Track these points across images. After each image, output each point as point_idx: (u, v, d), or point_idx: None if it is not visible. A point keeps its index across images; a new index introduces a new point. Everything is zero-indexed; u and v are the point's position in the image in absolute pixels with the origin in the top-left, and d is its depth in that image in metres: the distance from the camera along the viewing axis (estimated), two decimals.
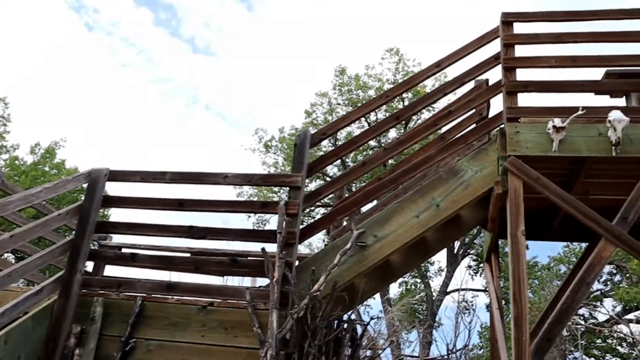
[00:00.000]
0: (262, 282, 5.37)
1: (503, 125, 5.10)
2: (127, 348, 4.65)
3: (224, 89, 36.86)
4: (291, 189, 5.03)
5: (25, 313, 4.59)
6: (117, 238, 7.01)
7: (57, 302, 4.77)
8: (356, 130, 18.93)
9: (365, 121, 19.87)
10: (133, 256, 5.24)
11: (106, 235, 6.90)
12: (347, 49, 32.93)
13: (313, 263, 4.90)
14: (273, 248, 4.82)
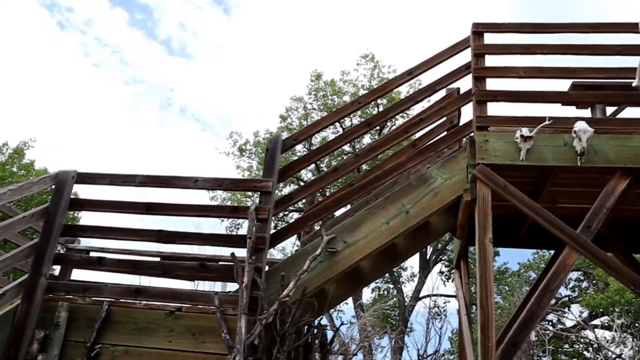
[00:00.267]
0: (233, 287, 5.34)
1: (473, 133, 5.18)
2: (92, 354, 4.56)
3: (199, 92, 36.62)
4: (262, 194, 5.02)
5: None
6: (88, 242, 6.90)
7: (20, 307, 4.66)
8: (331, 135, 19.00)
9: (340, 126, 19.94)
10: (100, 260, 5.15)
11: (74, 238, 6.78)
12: (323, 55, 33.06)
13: (283, 269, 4.90)
14: (243, 253, 4.80)
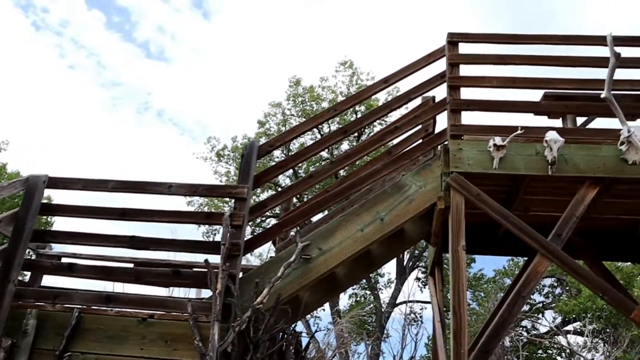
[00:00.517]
0: (208, 294, 5.31)
1: (447, 142, 5.24)
2: None
3: (177, 96, 36.37)
4: (237, 200, 5.00)
5: None
6: (62, 247, 6.77)
7: None
8: (310, 142, 19.02)
9: (318, 133, 19.98)
10: (71, 266, 5.07)
11: (45, 244, 6.65)
12: (302, 61, 33.12)
13: (257, 275, 4.88)
14: (218, 259, 4.77)
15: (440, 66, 5.65)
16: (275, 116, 21.69)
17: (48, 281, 6.29)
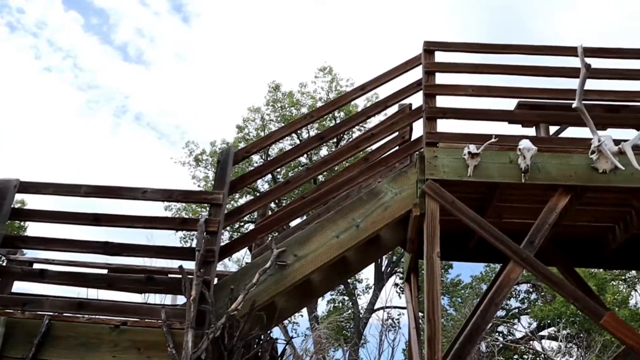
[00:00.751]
0: (183, 301, 5.26)
1: (423, 149, 5.28)
2: None
3: (156, 100, 36.07)
4: (212, 206, 4.97)
5: None
6: (36, 253, 6.65)
7: None
8: (289, 147, 19.00)
9: (297, 138, 19.98)
10: (42, 272, 4.98)
11: (16, 250, 6.53)
12: (282, 66, 33.12)
13: (232, 282, 4.86)
14: (193, 265, 4.73)
15: (417, 74, 5.70)
16: (254, 121, 21.66)
17: (20, 287, 6.17)
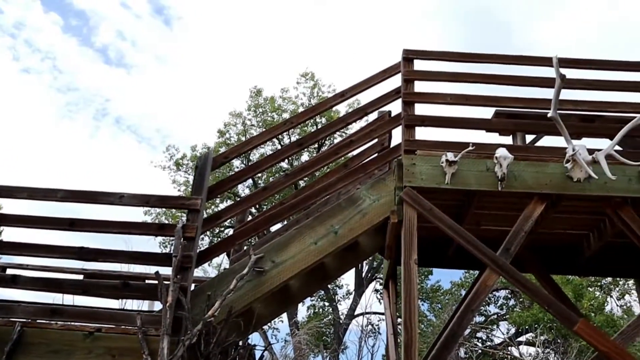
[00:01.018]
0: (161, 307, 5.20)
1: (401, 156, 5.31)
2: None
3: (137, 103, 35.74)
4: (190, 212, 4.94)
5: None
6: (8, 258, 6.52)
7: None
8: (270, 152, 18.97)
9: (279, 144, 19.96)
10: (14, 278, 4.89)
11: None
12: (264, 71, 33.08)
13: (209, 288, 4.82)
14: (170, 271, 4.69)
15: (396, 81, 5.74)
16: (235, 126, 21.57)
17: None
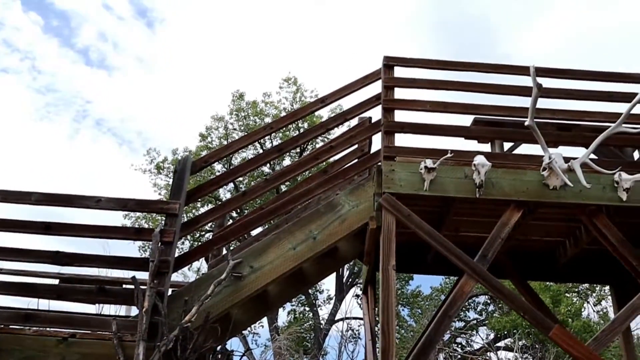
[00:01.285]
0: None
1: (380, 162, 5.33)
2: None
3: (118, 106, 35.39)
4: (168, 216, 4.90)
5: None
6: None
7: None
8: (251, 156, 18.91)
9: (261, 148, 19.92)
10: None
11: None
12: (247, 75, 33.00)
13: (186, 293, 4.79)
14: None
15: (377, 88, 5.77)
16: (217, 130, 21.48)
17: None
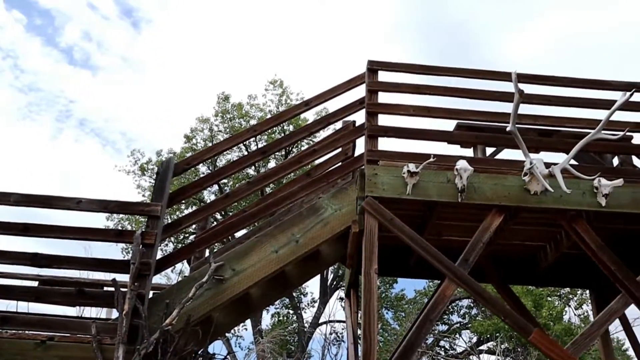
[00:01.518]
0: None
1: (364, 166, 5.34)
2: None
3: (102, 106, 35.09)
4: (149, 218, 4.87)
5: None
6: None
7: None
8: (235, 158, 18.85)
9: (245, 150, 19.86)
10: None
11: None
12: (232, 77, 32.94)
13: (168, 296, 4.75)
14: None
15: (361, 92, 5.78)
16: (202, 132, 21.39)
17: None
